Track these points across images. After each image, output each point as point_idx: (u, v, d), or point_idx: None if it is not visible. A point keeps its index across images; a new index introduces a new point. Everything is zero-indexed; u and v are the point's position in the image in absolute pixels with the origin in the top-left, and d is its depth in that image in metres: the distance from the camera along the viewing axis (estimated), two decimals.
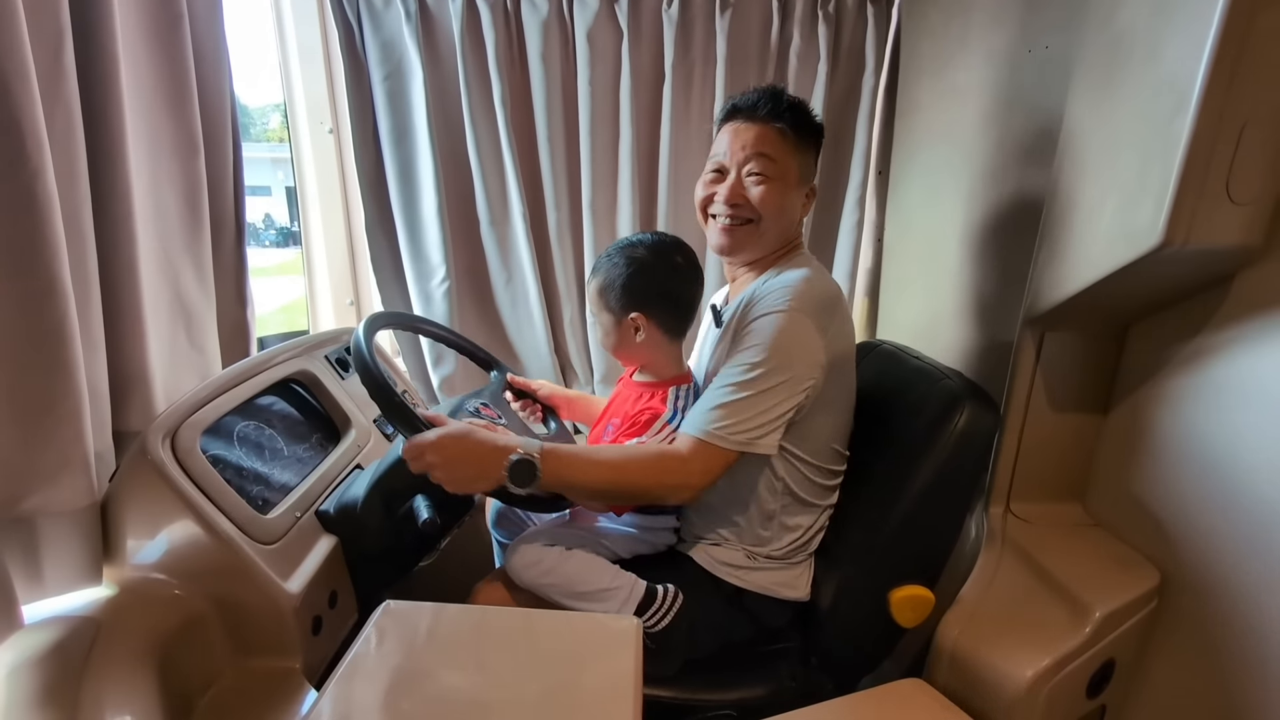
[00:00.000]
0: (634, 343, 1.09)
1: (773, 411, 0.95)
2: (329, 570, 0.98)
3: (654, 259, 1.06)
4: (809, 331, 0.97)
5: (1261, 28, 0.78)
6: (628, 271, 1.05)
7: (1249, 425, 0.92)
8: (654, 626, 1.02)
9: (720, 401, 0.95)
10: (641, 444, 1.03)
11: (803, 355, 0.96)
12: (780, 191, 1.05)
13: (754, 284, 1.07)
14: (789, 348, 0.95)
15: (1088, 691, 1.02)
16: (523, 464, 0.89)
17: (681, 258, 1.09)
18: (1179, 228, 0.84)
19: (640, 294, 1.06)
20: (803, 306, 0.96)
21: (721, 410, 0.94)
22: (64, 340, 0.74)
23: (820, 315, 0.98)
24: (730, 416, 0.94)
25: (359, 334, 0.97)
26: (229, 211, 1.16)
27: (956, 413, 1.01)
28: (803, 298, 0.97)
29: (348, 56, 1.47)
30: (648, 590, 1.04)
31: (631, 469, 0.95)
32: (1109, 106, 0.95)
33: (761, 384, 0.94)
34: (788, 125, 1.05)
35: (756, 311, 0.99)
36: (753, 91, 1.08)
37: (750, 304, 1.01)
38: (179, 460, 0.86)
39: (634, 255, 1.06)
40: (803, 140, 1.06)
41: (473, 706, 0.66)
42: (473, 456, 0.90)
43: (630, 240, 1.09)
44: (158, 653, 0.79)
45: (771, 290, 0.99)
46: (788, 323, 0.95)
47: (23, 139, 0.68)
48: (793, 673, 1.09)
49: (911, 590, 1.03)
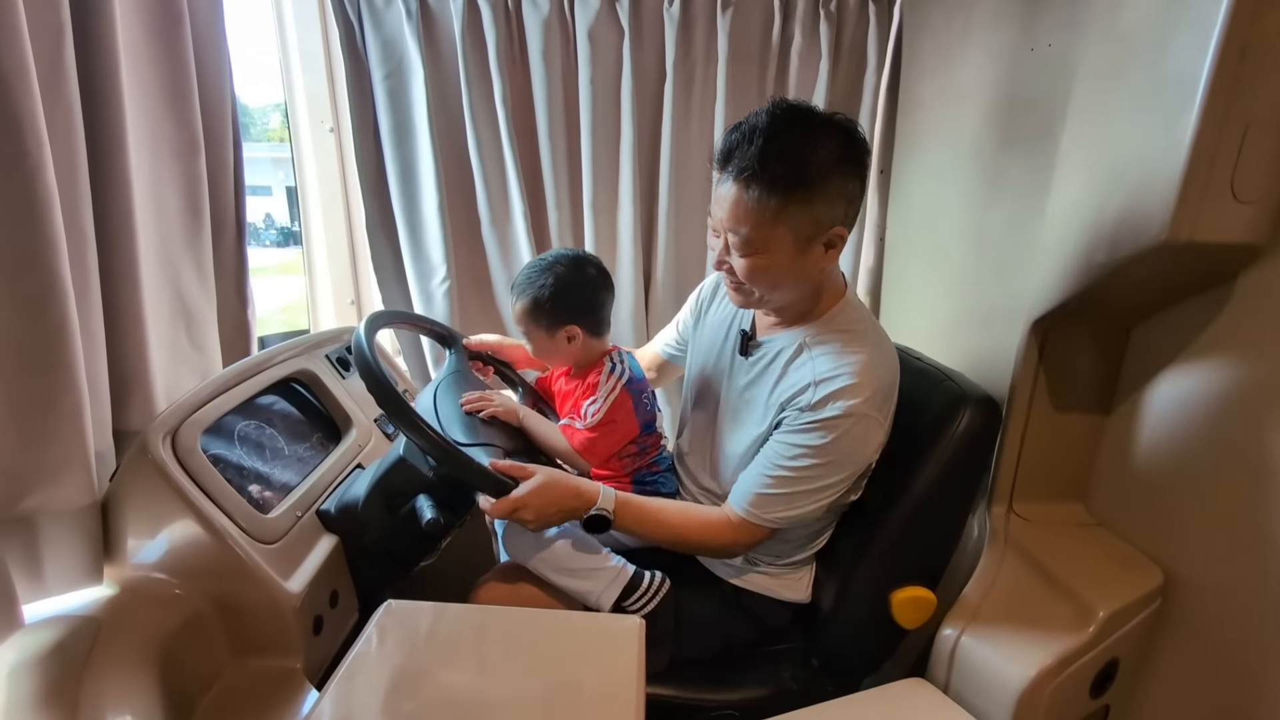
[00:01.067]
0: (566, 349, 1.16)
1: (824, 497, 0.97)
2: (330, 570, 0.98)
3: (573, 274, 1.12)
4: (874, 428, 0.95)
5: (1266, 26, 0.78)
6: (554, 289, 1.10)
7: (1252, 424, 0.91)
8: (638, 612, 1.03)
9: (774, 489, 0.96)
10: (701, 513, 1.06)
11: (863, 452, 0.97)
12: (765, 266, 0.90)
13: (797, 335, 0.99)
14: (853, 450, 0.95)
15: (1091, 691, 1.01)
16: (599, 519, 0.99)
17: (593, 269, 1.15)
18: (1183, 227, 0.83)
19: (569, 308, 1.12)
20: (870, 408, 0.92)
21: (773, 497, 0.96)
22: (64, 339, 0.74)
23: (885, 404, 0.96)
24: (780, 504, 0.96)
25: (364, 347, 0.95)
26: (229, 211, 1.16)
27: (959, 415, 1.01)
28: (870, 398, 0.91)
29: (348, 55, 1.46)
30: (634, 574, 1.05)
31: (690, 534, 1.03)
32: (1113, 105, 0.95)
33: (819, 479, 0.95)
34: (765, 188, 0.85)
35: (825, 411, 0.91)
36: (736, 130, 0.88)
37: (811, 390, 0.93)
38: (180, 459, 0.85)
39: (557, 273, 1.11)
40: (793, 198, 0.85)
41: (474, 706, 0.66)
42: (557, 507, 0.98)
43: (546, 260, 1.14)
44: (159, 652, 0.79)
45: (838, 383, 0.91)
46: (856, 429, 0.92)
47: (22, 137, 0.68)
48: (795, 673, 1.09)
49: (913, 591, 1.03)
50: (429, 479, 0.98)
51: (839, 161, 0.87)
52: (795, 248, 0.89)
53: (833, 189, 0.87)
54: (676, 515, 1.05)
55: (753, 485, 0.98)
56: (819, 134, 0.87)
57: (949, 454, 1.02)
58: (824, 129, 0.87)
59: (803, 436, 0.94)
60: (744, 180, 0.86)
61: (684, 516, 1.05)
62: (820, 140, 0.86)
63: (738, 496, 1.00)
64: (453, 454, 0.92)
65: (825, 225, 0.89)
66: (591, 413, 1.12)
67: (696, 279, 1.74)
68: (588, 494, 0.99)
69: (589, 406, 1.13)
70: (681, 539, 1.04)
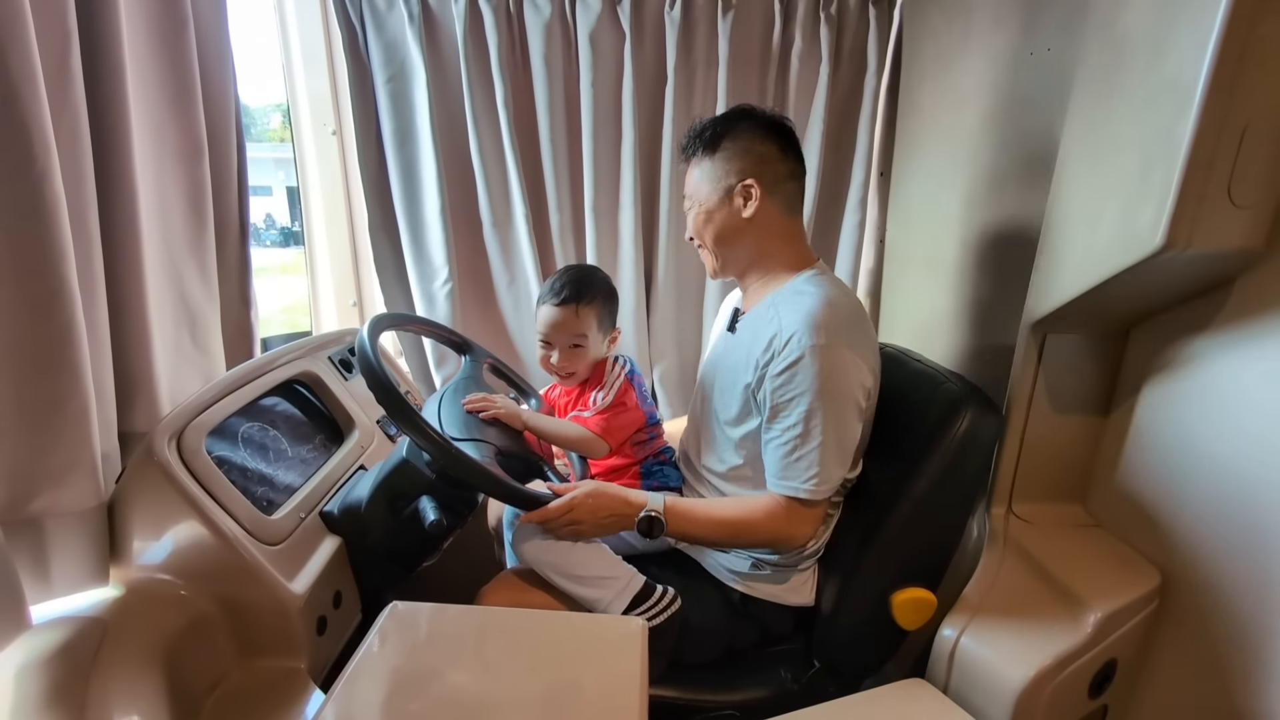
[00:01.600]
0: (600, 352, 1.23)
1: (847, 445, 1.01)
2: (333, 571, 0.99)
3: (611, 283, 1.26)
4: (846, 360, 0.98)
5: (1263, 31, 0.78)
6: (611, 292, 1.23)
7: (1250, 427, 0.92)
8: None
9: (795, 453, 0.98)
10: (748, 502, 1.06)
11: (848, 386, 0.99)
12: (702, 216, 1.09)
13: (770, 297, 1.07)
14: (837, 381, 0.97)
15: (1090, 691, 1.02)
16: (652, 520, 1.01)
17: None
18: (1180, 231, 0.84)
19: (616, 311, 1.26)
20: (832, 338, 0.96)
21: (803, 464, 0.98)
22: (71, 342, 0.74)
23: (851, 335, 1.00)
24: (811, 469, 0.98)
25: (369, 352, 0.95)
26: (233, 214, 1.16)
27: (959, 417, 1.01)
28: (829, 329, 0.96)
29: (351, 58, 1.47)
30: (645, 585, 1.05)
31: (743, 530, 1.04)
32: (1111, 109, 0.95)
33: (825, 429, 0.97)
34: (693, 155, 1.10)
35: (789, 353, 0.97)
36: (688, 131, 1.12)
37: (772, 353, 0.99)
38: (184, 461, 0.86)
39: (604, 279, 1.23)
40: (709, 158, 1.07)
41: (478, 707, 0.67)
42: (609, 512, 1.02)
43: (583, 268, 1.25)
44: (164, 653, 0.79)
45: (796, 324, 0.97)
46: (824, 361, 0.96)
47: (30, 142, 0.69)
48: (795, 674, 1.10)
49: (913, 593, 1.04)
50: (432, 480, 0.98)
51: (740, 124, 1.07)
52: (718, 196, 1.07)
53: (738, 146, 1.05)
54: (730, 515, 1.04)
55: (775, 461, 1.01)
56: (730, 114, 1.10)
57: (949, 456, 1.02)
58: (736, 111, 1.10)
59: (786, 390, 0.98)
60: (687, 155, 1.12)
61: (738, 516, 1.04)
62: (729, 116, 1.09)
63: (771, 479, 1.02)
64: (468, 463, 0.93)
65: (735, 176, 1.05)
66: (600, 399, 1.18)
67: (697, 281, 1.75)
68: (636, 499, 1.03)
69: (597, 394, 1.19)
70: (736, 531, 1.04)
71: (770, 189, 1.05)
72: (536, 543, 1.05)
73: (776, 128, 1.07)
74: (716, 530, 1.05)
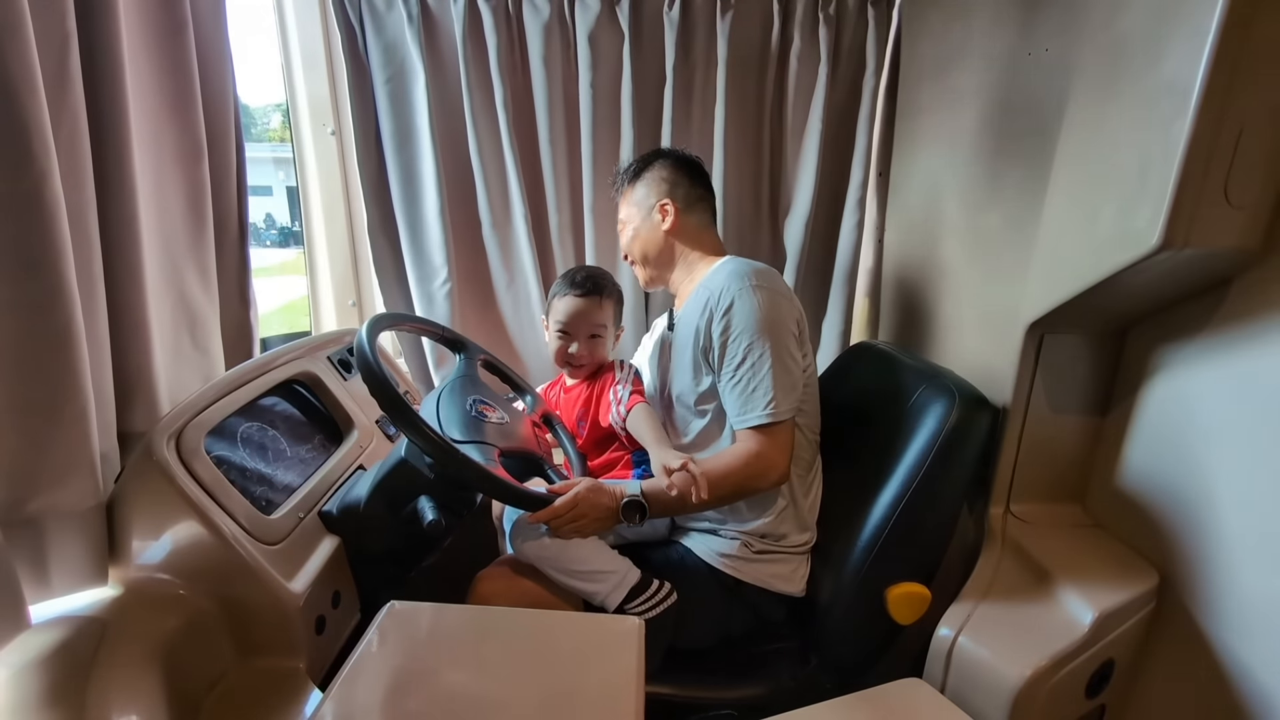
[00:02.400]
0: (610, 345, 1.31)
1: (795, 370, 1.09)
2: (332, 570, 0.99)
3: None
4: (769, 297, 1.08)
5: (1260, 32, 0.78)
6: (620, 289, 1.34)
7: (1247, 427, 0.92)
8: (640, 615, 1.04)
9: (753, 388, 1.07)
10: (720, 453, 1.11)
11: (780, 317, 1.08)
12: (631, 235, 1.28)
13: (694, 294, 1.17)
14: (766, 317, 1.07)
15: (1087, 691, 1.02)
16: (632, 504, 1.06)
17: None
18: (1177, 231, 0.84)
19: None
20: (750, 283, 1.08)
21: (759, 394, 1.06)
22: (70, 343, 0.75)
23: (765, 280, 1.10)
24: (766, 395, 1.06)
25: (367, 352, 0.96)
26: (232, 214, 1.17)
27: (949, 412, 1.03)
28: (744, 277, 1.09)
29: (350, 59, 1.47)
30: (642, 578, 1.07)
31: (724, 483, 1.06)
32: (1108, 110, 0.96)
33: (770, 356, 1.06)
34: (619, 191, 1.32)
35: (720, 311, 1.08)
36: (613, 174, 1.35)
37: (710, 311, 1.10)
38: (183, 461, 0.86)
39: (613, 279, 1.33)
40: (632, 189, 1.28)
41: (476, 706, 0.67)
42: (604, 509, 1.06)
43: (599, 269, 1.36)
44: (163, 653, 0.79)
45: (719, 291, 1.09)
46: (753, 298, 1.07)
47: (29, 142, 0.69)
48: (793, 672, 1.10)
49: (908, 587, 1.04)
50: (430, 480, 0.98)
51: (655, 160, 1.28)
52: (641, 215, 1.26)
53: (653, 175, 1.26)
54: (705, 465, 1.06)
55: (734, 401, 1.09)
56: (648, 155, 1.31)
57: (939, 450, 1.03)
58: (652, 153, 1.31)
59: (728, 333, 1.08)
60: (614, 193, 1.35)
61: (712, 462, 1.07)
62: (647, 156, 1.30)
63: (735, 418, 1.09)
64: (468, 465, 0.93)
65: (654, 197, 1.24)
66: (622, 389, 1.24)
67: None
68: (616, 490, 1.08)
69: (617, 389, 1.25)
70: (717, 482, 1.05)
71: (684, 206, 1.23)
72: (534, 541, 1.07)
73: (685, 162, 1.27)
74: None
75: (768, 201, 1.73)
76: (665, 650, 1.07)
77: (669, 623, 1.06)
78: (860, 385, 1.15)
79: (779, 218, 1.74)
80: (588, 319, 1.25)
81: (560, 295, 1.28)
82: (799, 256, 1.70)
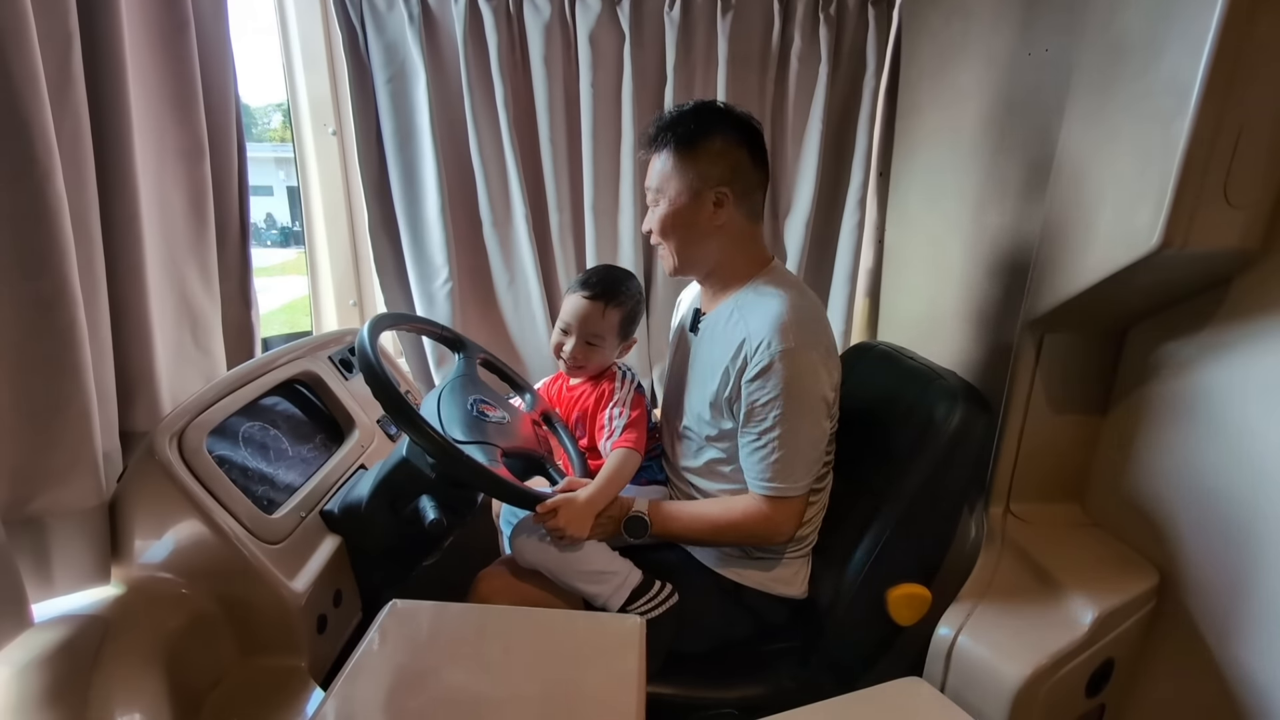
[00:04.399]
0: (613, 356, 1.25)
1: (818, 444, 1.04)
2: (333, 569, 0.99)
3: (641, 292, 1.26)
4: (813, 362, 1.00)
5: (1259, 31, 0.79)
6: (639, 304, 1.23)
7: (1247, 426, 0.92)
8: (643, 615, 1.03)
9: (775, 458, 1.01)
10: (730, 502, 1.09)
11: (817, 386, 1.01)
12: (667, 215, 1.06)
13: (730, 302, 1.08)
14: (807, 385, 1.00)
15: (1087, 690, 1.02)
16: (636, 520, 1.07)
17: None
18: (1177, 230, 0.84)
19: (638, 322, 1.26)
20: (799, 341, 0.98)
21: (777, 466, 1.01)
22: (73, 343, 0.75)
23: (816, 336, 1.02)
24: (785, 467, 1.01)
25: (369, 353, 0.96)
26: (233, 215, 1.17)
27: (951, 413, 1.02)
28: (795, 332, 0.98)
29: (351, 59, 1.47)
30: (643, 579, 1.06)
31: (725, 530, 1.07)
32: (1108, 109, 0.96)
33: (797, 430, 1.00)
34: (659, 150, 1.06)
35: (759, 360, 0.99)
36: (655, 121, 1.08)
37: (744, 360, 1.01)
38: (186, 461, 0.87)
39: (637, 289, 1.24)
40: (682, 157, 1.03)
41: (477, 705, 0.67)
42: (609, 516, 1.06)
43: (621, 271, 1.25)
44: (165, 651, 0.80)
45: (764, 330, 0.99)
46: (792, 365, 0.98)
47: (32, 143, 0.69)
48: (793, 672, 1.10)
49: (909, 589, 1.04)
50: (432, 480, 0.99)
51: (716, 126, 1.04)
52: (688, 197, 1.04)
53: (713, 150, 1.03)
54: (711, 509, 1.09)
55: (753, 465, 1.04)
56: (705, 113, 1.05)
57: (941, 451, 1.03)
58: (710, 111, 1.06)
59: (759, 394, 1.00)
60: (650, 147, 1.07)
61: (722, 517, 1.07)
62: (704, 115, 1.05)
63: (752, 480, 1.05)
64: (469, 464, 0.93)
65: (710, 182, 1.03)
66: (618, 415, 1.19)
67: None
68: (624, 501, 1.08)
69: (613, 410, 1.20)
70: (718, 530, 1.07)
71: (740, 197, 1.04)
72: (534, 545, 1.07)
73: (749, 132, 1.06)
74: (699, 528, 1.09)
75: (768, 201, 1.73)
76: (666, 652, 1.07)
77: (671, 623, 1.05)
78: (860, 385, 1.16)
79: (779, 218, 1.74)
80: (586, 324, 1.19)
81: (570, 290, 1.22)
82: (799, 256, 1.70)
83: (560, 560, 1.06)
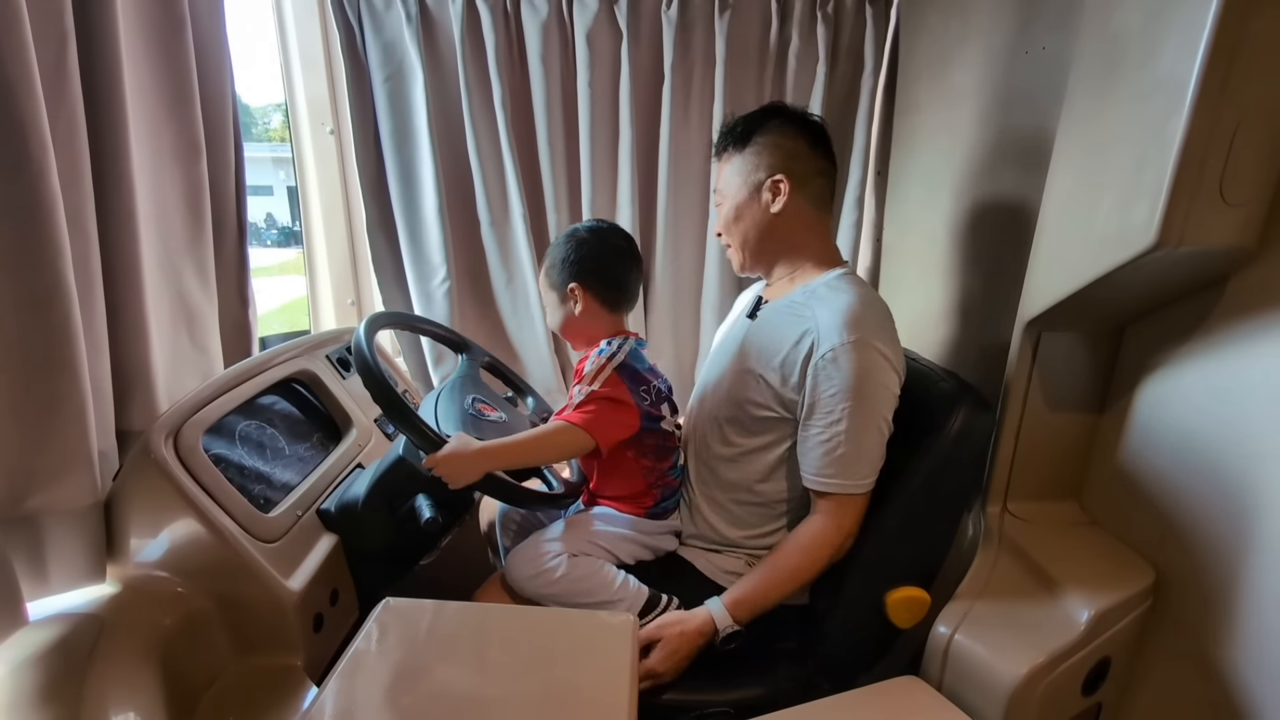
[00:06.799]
0: (573, 315, 1.13)
1: (880, 442, 1.01)
2: (330, 568, 0.99)
3: (592, 238, 1.13)
4: (879, 360, 0.98)
5: (1255, 29, 0.78)
6: (567, 248, 1.12)
7: (1244, 425, 0.92)
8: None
9: (842, 453, 0.99)
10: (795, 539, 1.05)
11: (882, 380, 0.99)
12: (728, 210, 1.11)
13: (799, 290, 1.08)
14: (875, 377, 0.98)
15: (1083, 689, 1.02)
16: (733, 636, 1.01)
17: (620, 240, 1.15)
18: (1173, 229, 0.84)
19: (576, 267, 1.11)
20: (869, 335, 0.97)
21: (849, 461, 0.99)
22: (68, 341, 0.75)
23: (885, 334, 1.01)
24: (857, 463, 0.99)
25: (364, 347, 0.96)
26: (230, 213, 1.17)
27: (952, 415, 1.02)
28: (865, 326, 0.98)
29: (349, 58, 1.47)
30: (651, 595, 1.06)
31: (807, 570, 1.03)
32: (1104, 107, 0.96)
33: (859, 425, 0.98)
34: (724, 150, 1.12)
35: (826, 348, 0.98)
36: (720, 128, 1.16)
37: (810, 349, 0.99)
38: (182, 459, 0.86)
39: (574, 236, 1.13)
40: (739, 154, 1.09)
41: (471, 703, 0.67)
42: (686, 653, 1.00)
43: (574, 227, 1.16)
44: (161, 650, 0.80)
45: (833, 321, 0.98)
46: (862, 356, 0.97)
47: (26, 141, 0.69)
48: (790, 672, 1.10)
49: (908, 592, 1.04)
50: (428, 479, 0.99)
51: (770, 120, 1.08)
52: (747, 191, 1.08)
53: (767, 141, 1.07)
54: (785, 560, 1.04)
55: (818, 459, 1.00)
56: (761, 111, 1.10)
57: (943, 454, 1.02)
58: (767, 108, 1.11)
59: (826, 386, 0.98)
60: (715, 153, 1.15)
61: (792, 554, 1.04)
62: (760, 113, 1.10)
63: (813, 477, 1.01)
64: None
65: (765, 171, 1.06)
66: (578, 392, 1.05)
67: (695, 280, 1.75)
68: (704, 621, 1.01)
69: (578, 387, 1.07)
70: (799, 576, 1.03)
71: (799, 184, 1.05)
72: (535, 579, 1.05)
73: (806, 124, 1.08)
74: (783, 583, 1.04)
75: None
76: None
77: None
78: None
79: None
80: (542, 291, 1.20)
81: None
82: None
83: (565, 592, 1.04)
